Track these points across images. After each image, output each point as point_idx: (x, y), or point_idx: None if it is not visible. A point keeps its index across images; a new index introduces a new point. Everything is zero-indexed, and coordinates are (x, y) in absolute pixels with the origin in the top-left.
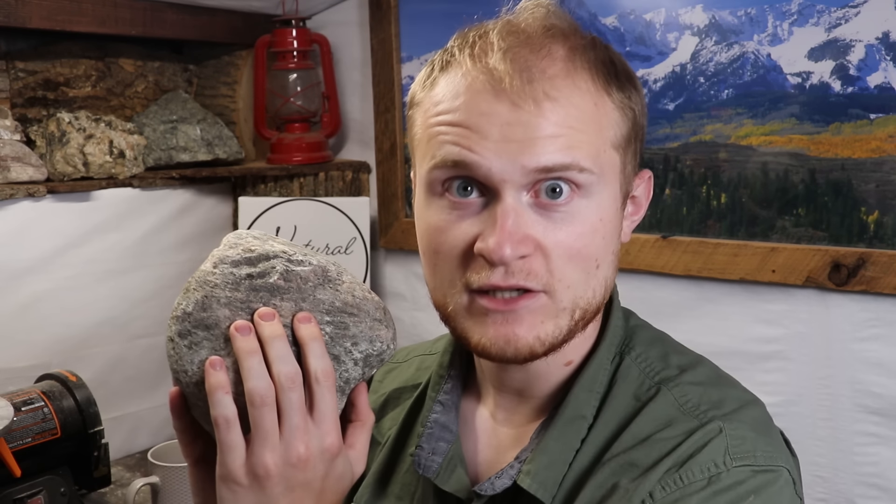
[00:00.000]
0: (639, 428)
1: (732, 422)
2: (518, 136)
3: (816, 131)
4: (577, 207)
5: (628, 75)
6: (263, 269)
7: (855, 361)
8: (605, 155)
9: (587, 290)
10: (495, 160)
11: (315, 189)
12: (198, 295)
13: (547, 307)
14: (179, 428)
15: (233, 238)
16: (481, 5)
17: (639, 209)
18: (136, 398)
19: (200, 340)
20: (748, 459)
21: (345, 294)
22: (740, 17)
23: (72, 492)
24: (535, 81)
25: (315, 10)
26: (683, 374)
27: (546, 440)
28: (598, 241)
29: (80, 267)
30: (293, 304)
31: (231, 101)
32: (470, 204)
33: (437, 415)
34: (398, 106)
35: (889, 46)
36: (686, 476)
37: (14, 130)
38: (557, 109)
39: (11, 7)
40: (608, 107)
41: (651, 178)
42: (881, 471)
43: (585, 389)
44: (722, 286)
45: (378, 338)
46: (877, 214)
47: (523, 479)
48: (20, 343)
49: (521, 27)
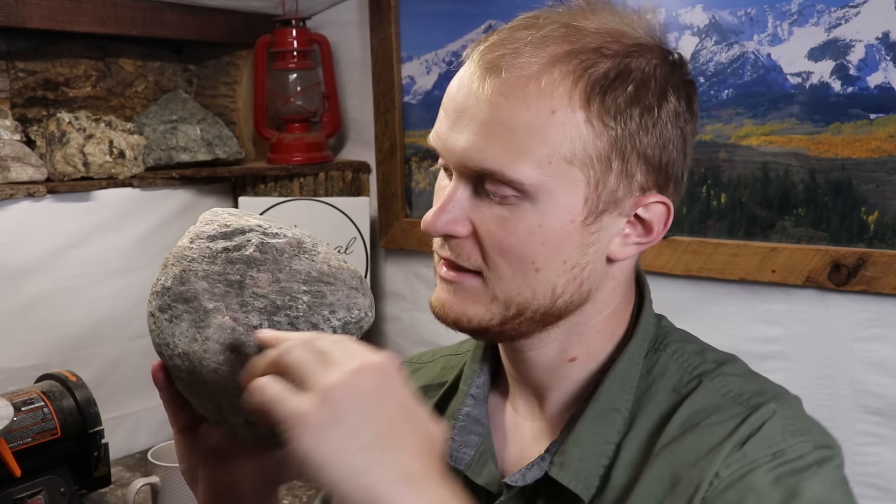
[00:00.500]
0: (684, 417)
1: (783, 404)
2: (461, 127)
3: (816, 131)
4: (519, 208)
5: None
6: (239, 242)
7: (855, 361)
8: (553, 166)
9: (525, 289)
10: (442, 146)
11: (315, 189)
12: (176, 270)
13: (479, 290)
14: (165, 399)
15: (208, 215)
16: (481, 5)
17: (648, 233)
18: (136, 398)
19: (180, 314)
20: (807, 436)
21: (320, 264)
22: (740, 17)
23: (72, 492)
24: (498, 75)
25: (315, 10)
26: (722, 366)
27: (577, 432)
28: (534, 244)
29: (80, 267)
30: (269, 275)
31: (231, 101)
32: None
33: (469, 408)
34: (398, 106)
35: (889, 46)
36: (751, 452)
37: (14, 130)
38: (505, 107)
39: (11, 7)
40: (572, 118)
41: (670, 208)
42: (881, 471)
43: (618, 383)
44: (722, 286)
45: (355, 305)
46: (877, 214)
47: (555, 470)
48: (20, 343)
49: (541, 19)
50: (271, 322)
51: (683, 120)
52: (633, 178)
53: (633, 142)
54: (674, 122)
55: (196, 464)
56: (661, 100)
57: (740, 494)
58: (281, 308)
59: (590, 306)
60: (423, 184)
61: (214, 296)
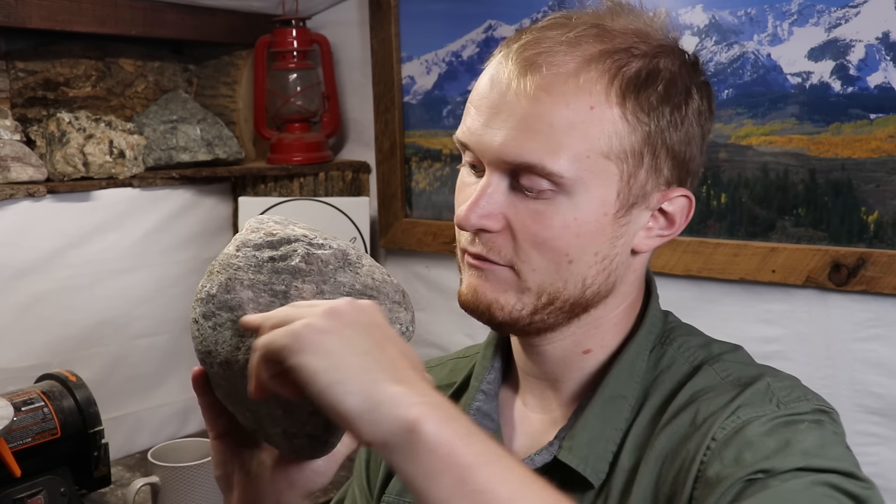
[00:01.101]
0: (684, 397)
1: (777, 377)
2: (498, 123)
3: (816, 131)
4: (554, 201)
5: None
6: (285, 252)
7: (855, 361)
8: (590, 161)
9: (557, 280)
10: (476, 142)
11: (315, 189)
12: (221, 277)
13: (510, 281)
14: (203, 405)
15: (254, 223)
16: (481, 5)
17: (670, 225)
18: (136, 398)
19: (224, 321)
20: (803, 401)
21: (364, 277)
22: (740, 17)
23: (72, 492)
24: (536, 72)
25: (315, 10)
26: (724, 355)
27: (586, 417)
28: (568, 237)
29: (80, 267)
30: (314, 287)
31: (231, 101)
32: (478, 175)
33: (480, 403)
34: (398, 106)
35: (889, 46)
36: (744, 414)
37: (14, 130)
38: (546, 103)
39: (11, 7)
40: (609, 114)
41: (692, 201)
42: (881, 471)
43: (625, 371)
44: (722, 286)
45: (397, 319)
46: (877, 214)
47: (564, 454)
48: (20, 343)
49: (573, 20)
50: None
51: (704, 118)
52: (660, 173)
53: (663, 138)
54: (697, 119)
55: (231, 471)
56: (687, 98)
57: (737, 449)
58: None
59: (612, 298)
60: (423, 184)
61: (259, 305)
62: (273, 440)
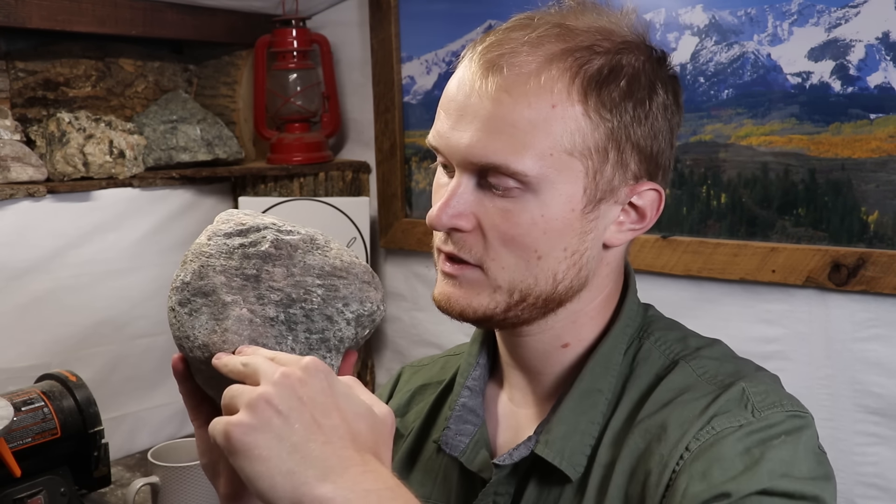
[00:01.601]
0: (660, 395)
1: (752, 381)
2: (463, 125)
3: (816, 131)
4: (521, 199)
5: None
6: (255, 238)
7: (855, 361)
8: (554, 158)
9: (527, 277)
10: (444, 145)
11: (315, 189)
12: (194, 265)
13: (481, 282)
14: (185, 392)
15: (224, 215)
16: (481, 5)
17: (641, 219)
18: (136, 398)
19: (199, 307)
20: (776, 407)
21: (333, 259)
22: (740, 17)
23: (72, 492)
24: (499, 73)
25: (315, 10)
26: (700, 350)
27: (561, 411)
28: (536, 234)
29: (80, 267)
30: (284, 270)
31: (231, 101)
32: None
33: (465, 399)
34: (398, 106)
35: (889, 46)
36: (718, 425)
37: (14, 130)
38: (507, 103)
39: (11, 7)
40: (571, 112)
41: (661, 194)
42: (881, 471)
43: (601, 365)
44: (722, 286)
45: (368, 298)
46: (877, 214)
47: (541, 448)
48: (20, 343)
49: (535, 20)
50: (287, 314)
51: (671, 112)
52: (627, 168)
53: (627, 133)
54: (663, 114)
55: (217, 458)
56: (651, 93)
57: (707, 463)
58: (296, 301)
59: (586, 292)
60: (423, 184)
61: (232, 289)
62: None
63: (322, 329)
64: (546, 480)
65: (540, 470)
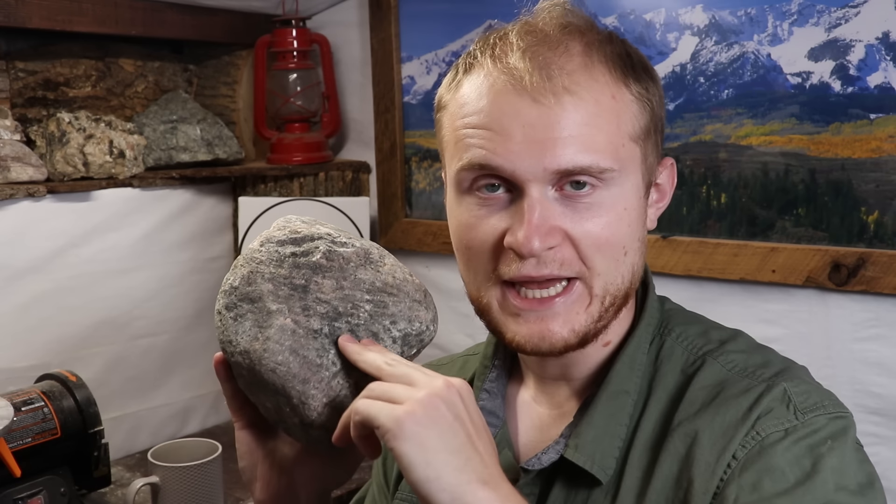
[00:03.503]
0: (694, 395)
1: (792, 380)
2: (539, 136)
3: (816, 131)
4: (602, 198)
5: (645, 67)
6: (307, 248)
7: (855, 361)
8: (625, 148)
9: (616, 277)
10: (518, 162)
11: (315, 189)
12: (244, 270)
13: (582, 296)
14: (228, 394)
15: (281, 221)
16: (481, 5)
17: (663, 196)
18: (136, 398)
19: (245, 313)
20: (819, 410)
21: (385, 275)
22: (740, 17)
23: (72, 492)
24: (555, 77)
25: (315, 10)
26: (725, 344)
27: (590, 414)
28: (623, 228)
29: (80, 267)
30: (334, 282)
31: (231, 101)
32: (498, 199)
33: (484, 402)
34: (398, 106)
35: (889, 46)
36: (762, 430)
37: (14, 130)
38: (577, 104)
39: (11, 7)
40: (626, 98)
41: (673, 165)
42: (881, 471)
43: (626, 366)
44: (722, 286)
45: (417, 318)
46: (877, 214)
47: (571, 452)
48: (20, 343)
49: (539, 26)
50: (332, 328)
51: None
52: (658, 147)
53: (658, 112)
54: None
55: (255, 462)
56: (651, 70)
57: (757, 475)
58: (342, 315)
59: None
60: (423, 184)
61: (279, 298)
62: (292, 431)
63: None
64: (573, 482)
65: (566, 471)
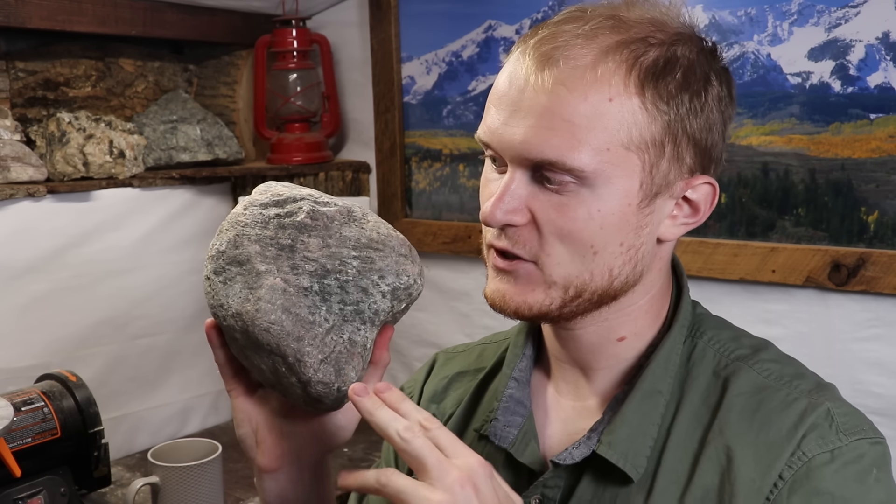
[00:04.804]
0: (732, 402)
1: (833, 400)
2: (517, 120)
3: (816, 131)
4: (578, 194)
5: (685, 85)
6: (291, 209)
7: (855, 361)
8: (611, 153)
9: (583, 272)
10: (497, 140)
11: (315, 189)
12: (230, 234)
13: (536, 277)
14: (220, 361)
15: (262, 186)
16: (481, 5)
17: (695, 213)
18: (136, 398)
19: (234, 276)
20: (860, 434)
21: (370, 231)
22: (740, 17)
23: (72, 492)
24: (554, 66)
25: (315, 10)
26: (758, 352)
27: (624, 412)
28: (593, 228)
29: (80, 267)
30: (320, 241)
31: (231, 101)
32: (501, 169)
33: (512, 390)
34: (398, 106)
35: (889, 46)
36: (808, 451)
37: (14, 130)
38: (564, 97)
39: (11, 7)
40: (630, 105)
41: (716, 188)
42: None
43: (661, 366)
44: (722, 286)
45: (404, 272)
46: (877, 214)
47: (604, 449)
48: (20, 343)
49: (588, 12)
50: (321, 285)
51: (725, 104)
52: (683, 161)
53: (683, 126)
54: (717, 106)
55: (254, 428)
56: (706, 85)
57: (805, 498)
58: (331, 272)
59: (640, 287)
60: (423, 184)
61: (266, 258)
62: (289, 391)
63: (357, 301)
64: (602, 478)
65: (596, 467)
